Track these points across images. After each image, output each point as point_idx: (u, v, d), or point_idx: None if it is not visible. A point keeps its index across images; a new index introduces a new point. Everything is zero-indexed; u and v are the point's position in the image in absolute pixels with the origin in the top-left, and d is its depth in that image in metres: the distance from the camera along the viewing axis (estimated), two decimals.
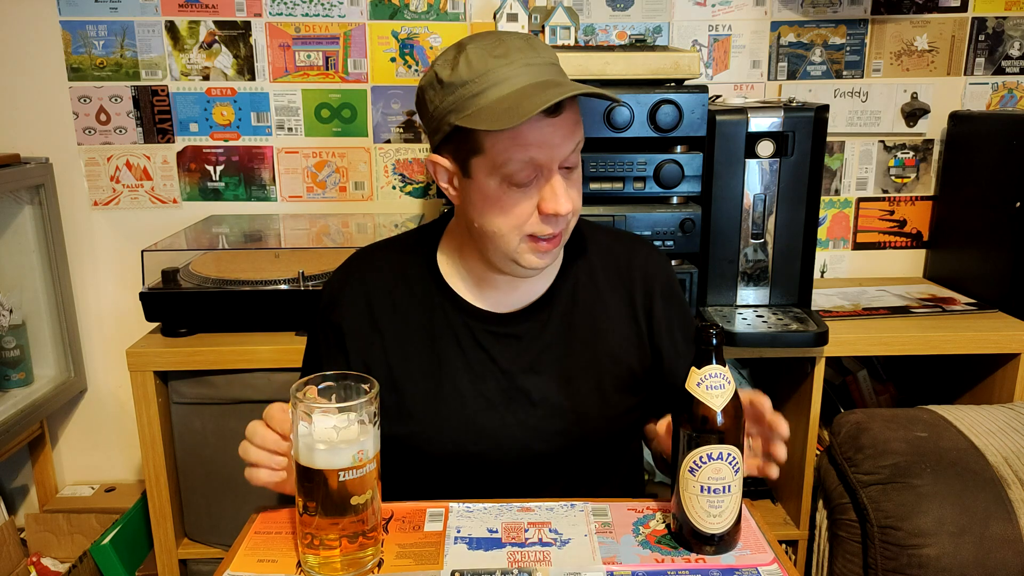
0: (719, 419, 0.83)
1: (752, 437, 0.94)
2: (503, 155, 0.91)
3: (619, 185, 1.53)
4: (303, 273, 1.56)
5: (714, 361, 0.84)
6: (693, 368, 0.85)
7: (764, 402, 0.90)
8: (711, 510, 0.84)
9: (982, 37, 1.95)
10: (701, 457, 0.83)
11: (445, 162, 0.98)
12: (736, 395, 0.84)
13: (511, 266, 0.99)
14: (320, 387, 0.85)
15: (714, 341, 0.83)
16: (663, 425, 1.06)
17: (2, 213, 1.83)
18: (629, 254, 1.10)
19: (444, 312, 1.05)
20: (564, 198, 0.93)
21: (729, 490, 0.83)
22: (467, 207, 0.98)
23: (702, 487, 0.83)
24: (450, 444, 1.03)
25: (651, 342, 1.08)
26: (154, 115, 1.89)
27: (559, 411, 1.03)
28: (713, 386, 0.83)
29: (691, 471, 0.84)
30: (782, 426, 0.90)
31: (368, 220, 1.92)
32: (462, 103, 0.91)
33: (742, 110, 1.57)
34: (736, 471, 0.84)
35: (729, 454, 0.83)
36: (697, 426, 0.83)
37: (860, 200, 2.03)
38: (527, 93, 0.89)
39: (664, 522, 0.92)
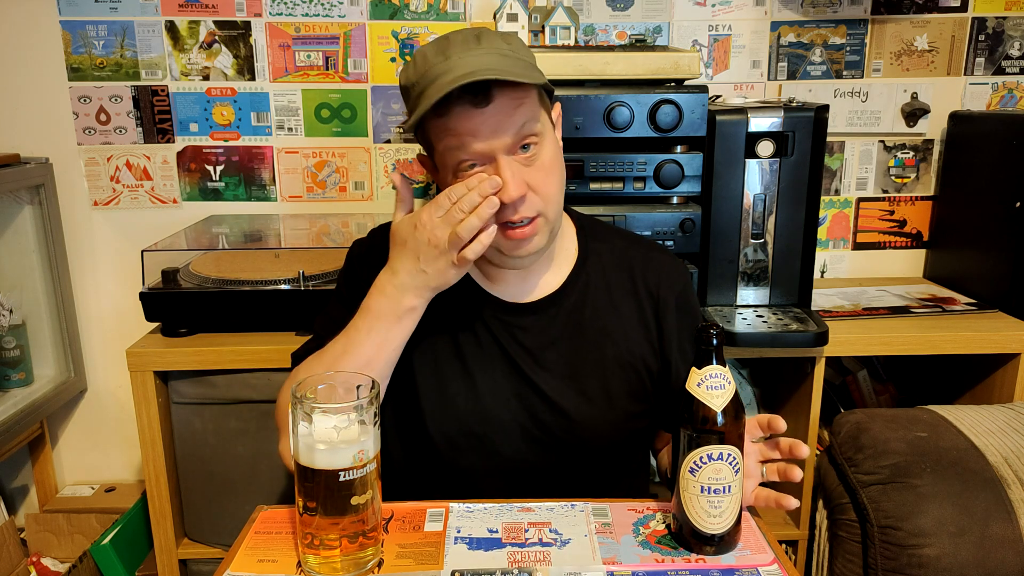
0: (719, 419, 0.83)
1: (766, 464, 0.94)
2: (443, 147, 0.94)
3: (619, 185, 1.53)
4: (303, 273, 1.56)
5: (714, 361, 0.84)
6: (693, 368, 0.85)
7: (779, 424, 0.92)
8: (711, 510, 0.84)
9: (982, 37, 1.95)
10: (701, 457, 0.83)
11: (427, 162, 1.02)
12: (736, 395, 0.84)
13: (504, 259, 0.99)
14: (320, 387, 0.85)
15: (714, 341, 0.83)
16: (667, 453, 1.06)
17: (2, 213, 1.83)
18: (645, 260, 1.10)
19: (457, 295, 1.04)
20: (511, 183, 0.91)
21: (729, 490, 0.84)
22: None
23: (702, 487, 0.83)
24: (453, 425, 1.03)
25: (661, 351, 1.08)
26: (154, 115, 1.89)
27: (562, 408, 1.03)
28: (713, 386, 0.83)
29: (691, 471, 0.84)
30: (800, 449, 0.92)
31: (368, 220, 1.91)
32: (413, 104, 0.94)
33: (742, 110, 1.57)
34: (736, 471, 0.84)
35: (729, 454, 0.83)
36: (697, 426, 0.83)
37: (860, 200, 2.03)
38: (448, 82, 0.88)
39: (664, 522, 0.92)
